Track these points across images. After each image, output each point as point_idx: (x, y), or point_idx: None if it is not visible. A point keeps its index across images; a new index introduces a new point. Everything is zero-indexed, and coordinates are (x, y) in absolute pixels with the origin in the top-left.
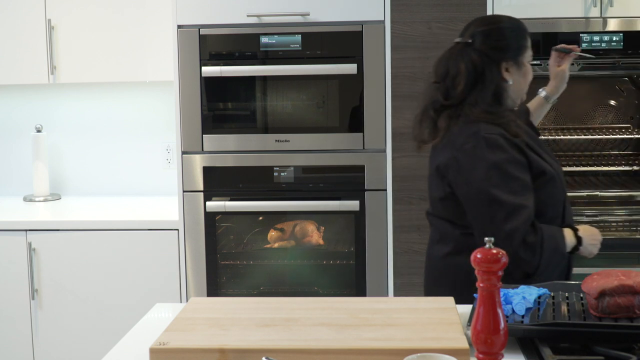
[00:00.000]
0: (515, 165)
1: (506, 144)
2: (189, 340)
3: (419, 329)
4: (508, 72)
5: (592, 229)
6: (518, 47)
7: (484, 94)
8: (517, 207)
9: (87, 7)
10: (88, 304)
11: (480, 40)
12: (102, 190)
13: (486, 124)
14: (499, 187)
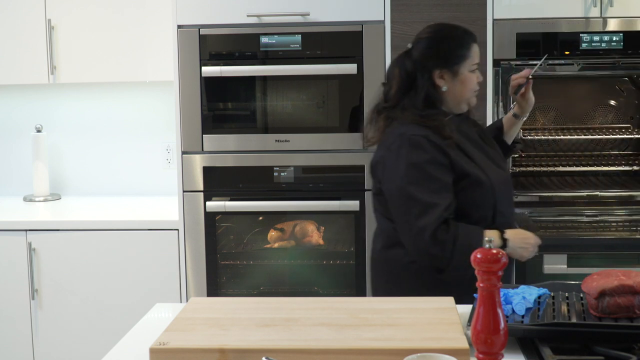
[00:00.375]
0: (435, 166)
1: (429, 145)
2: (189, 340)
3: (419, 329)
4: (443, 79)
5: (526, 233)
6: (454, 56)
7: (415, 98)
8: (430, 205)
9: (87, 7)
10: (88, 304)
11: (417, 48)
12: (102, 190)
13: (416, 126)
14: (416, 185)
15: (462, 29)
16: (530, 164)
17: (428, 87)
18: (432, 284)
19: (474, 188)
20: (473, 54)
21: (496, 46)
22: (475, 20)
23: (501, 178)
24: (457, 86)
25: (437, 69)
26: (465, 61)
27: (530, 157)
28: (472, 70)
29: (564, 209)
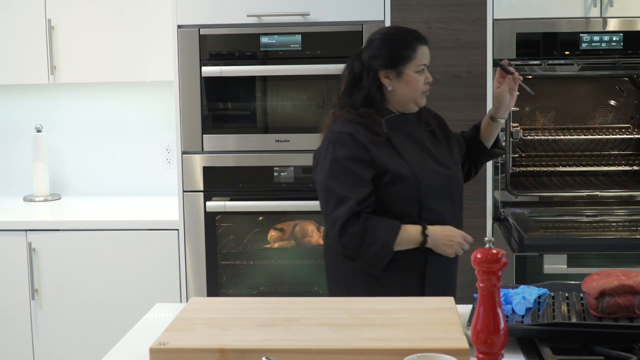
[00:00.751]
0: (354, 162)
1: (351, 142)
2: (189, 340)
3: (419, 329)
4: (388, 79)
5: (453, 231)
6: (398, 57)
7: (356, 97)
8: (344, 198)
9: (87, 7)
10: (88, 304)
11: (366, 49)
12: (102, 190)
13: (349, 123)
14: (335, 179)
15: (411, 31)
16: (530, 164)
17: (371, 86)
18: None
19: (396, 184)
20: (419, 55)
21: (496, 46)
22: (475, 20)
23: (437, 176)
24: (401, 86)
25: (382, 69)
26: (410, 62)
27: (530, 157)
28: (418, 71)
29: (564, 209)
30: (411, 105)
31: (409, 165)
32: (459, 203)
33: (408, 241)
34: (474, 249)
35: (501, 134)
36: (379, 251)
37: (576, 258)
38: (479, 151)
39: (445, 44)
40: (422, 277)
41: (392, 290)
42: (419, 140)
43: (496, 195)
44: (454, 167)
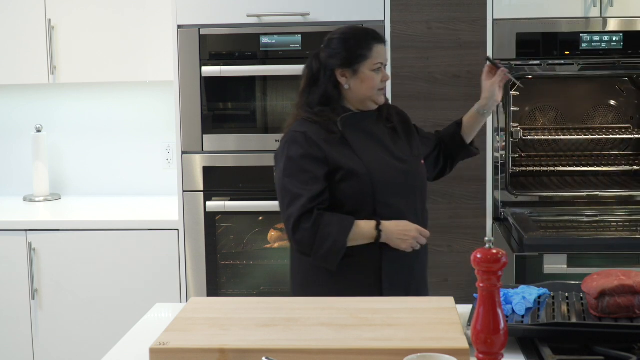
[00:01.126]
0: (308, 160)
1: (304, 140)
2: (189, 340)
3: (419, 329)
4: (344, 77)
5: (407, 225)
6: (354, 55)
7: (313, 96)
8: (297, 195)
9: (87, 7)
10: (88, 304)
11: (323, 48)
12: (102, 190)
13: (305, 122)
14: (289, 177)
15: (369, 31)
16: (530, 164)
17: (328, 85)
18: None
19: (349, 180)
20: (375, 54)
21: (496, 46)
22: (475, 20)
23: (393, 171)
24: (358, 84)
25: (339, 67)
26: (366, 61)
27: (530, 157)
28: (374, 70)
29: (564, 209)
30: (368, 103)
31: (363, 161)
32: (419, 198)
33: (362, 237)
34: (472, 248)
35: (501, 134)
36: (331, 247)
37: (576, 258)
38: (458, 148)
39: (445, 44)
40: (379, 273)
41: (351, 287)
42: (377, 136)
43: (496, 195)
44: (413, 162)
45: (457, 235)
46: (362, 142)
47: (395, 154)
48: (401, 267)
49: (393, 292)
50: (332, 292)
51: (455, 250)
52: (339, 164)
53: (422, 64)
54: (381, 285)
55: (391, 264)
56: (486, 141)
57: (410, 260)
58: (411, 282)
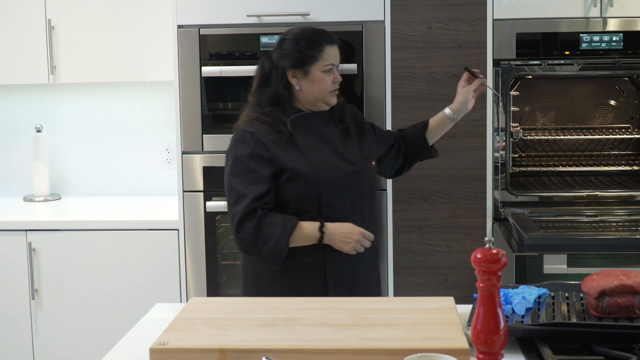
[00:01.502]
0: (254, 160)
1: (252, 140)
2: (189, 340)
3: (419, 329)
4: (296, 78)
5: (350, 227)
6: (304, 56)
7: (264, 96)
8: (242, 194)
9: (87, 7)
10: (88, 304)
11: (275, 49)
12: (102, 190)
13: (254, 122)
14: (236, 176)
15: (321, 32)
16: (530, 164)
17: (279, 85)
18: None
19: (294, 181)
20: (326, 55)
21: (496, 46)
22: (475, 20)
23: (340, 173)
24: (308, 85)
25: (290, 68)
26: (316, 62)
27: (530, 157)
28: (325, 71)
29: (564, 209)
30: (320, 104)
31: (310, 162)
32: (367, 200)
33: (305, 238)
34: (472, 248)
35: (501, 134)
36: (273, 247)
37: (576, 258)
38: (420, 148)
39: (445, 44)
40: (324, 274)
41: (296, 287)
42: (326, 137)
43: (496, 195)
44: (362, 164)
45: (457, 235)
46: (311, 142)
47: (344, 155)
48: (346, 268)
49: (338, 292)
50: (279, 291)
51: (455, 250)
52: (285, 165)
53: (422, 64)
54: (326, 286)
55: (335, 265)
56: (486, 141)
57: (355, 261)
58: (356, 283)
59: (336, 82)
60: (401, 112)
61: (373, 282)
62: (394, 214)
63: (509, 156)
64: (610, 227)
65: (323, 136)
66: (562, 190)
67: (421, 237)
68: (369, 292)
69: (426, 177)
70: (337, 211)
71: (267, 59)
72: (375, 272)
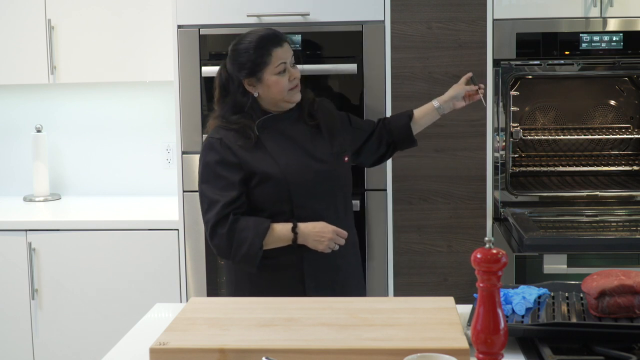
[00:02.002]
0: (223, 166)
1: (220, 147)
2: (189, 340)
3: (419, 329)
4: (252, 86)
5: (324, 227)
6: (254, 64)
7: (226, 106)
8: (213, 201)
9: (87, 7)
10: (88, 304)
11: (228, 59)
12: (102, 190)
13: (221, 129)
14: (206, 183)
15: (265, 36)
16: (530, 164)
17: (237, 94)
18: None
19: (265, 184)
20: (274, 58)
21: (496, 46)
22: (475, 20)
23: (310, 172)
24: (266, 91)
25: (245, 77)
26: (266, 67)
27: (530, 157)
28: (278, 73)
29: (564, 209)
30: (282, 104)
31: (279, 164)
32: (341, 198)
33: (279, 240)
34: (472, 248)
35: (501, 134)
36: (247, 251)
37: (576, 258)
38: (403, 138)
39: (445, 44)
40: (301, 274)
41: (273, 289)
42: (295, 138)
43: (496, 195)
44: (333, 162)
45: (457, 235)
46: (279, 145)
47: (314, 154)
48: (323, 267)
49: (318, 291)
50: (259, 291)
51: (455, 250)
52: (254, 169)
53: (422, 64)
54: (304, 285)
55: (312, 265)
56: (486, 141)
57: (334, 259)
58: (336, 281)
59: (293, 79)
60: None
61: (355, 278)
62: (394, 214)
63: (509, 156)
64: (610, 227)
65: (291, 137)
66: (562, 190)
67: (421, 237)
68: (352, 288)
69: (426, 177)
70: (311, 211)
71: (223, 69)
72: (357, 268)
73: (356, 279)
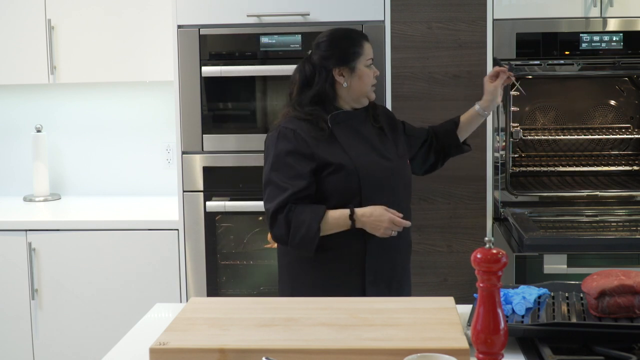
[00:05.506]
0: (295, 156)
1: (293, 137)
2: (189, 340)
3: (419, 329)
4: (342, 76)
5: (381, 214)
6: (347, 53)
7: (304, 96)
8: (281, 189)
9: (87, 7)
10: (88, 304)
11: (315, 52)
12: (102, 190)
13: (295, 120)
14: (275, 171)
15: (353, 30)
16: (530, 164)
17: (324, 85)
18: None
19: (336, 174)
20: (366, 50)
21: (496, 46)
22: (475, 20)
23: (378, 167)
24: (355, 81)
25: (336, 67)
26: (360, 57)
27: (530, 157)
28: (368, 66)
29: (564, 209)
30: (363, 99)
31: (351, 157)
32: (404, 196)
33: (336, 224)
34: (472, 248)
35: (501, 134)
36: (305, 234)
37: (576, 258)
38: (451, 144)
39: (445, 44)
40: (363, 266)
41: (335, 279)
42: (364, 134)
43: (496, 195)
44: (398, 161)
45: (457, 235)
46: (350, 139)
47: (382, 152)
48: (385, 261)
49: (376, 285)
50: (316, 283)
51: (455, 250)
52: (327, 159)
53: (422, 64)
54: (364, 279)
55: (373, 256)
56: (486, 141)
57: (395, 255)
58: (394, 278)
59: (376, 75)
60: (401, 112)
61: (407, 274)
62: None
63: (509, 156)
64: (610, 227)
65: (362, 134)
66: (562, 190)
67: (421, 237)
68: (404, 285)
69: (426, 177)
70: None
71: (307, 63)
72: (409, 264)
73: (408, 275)
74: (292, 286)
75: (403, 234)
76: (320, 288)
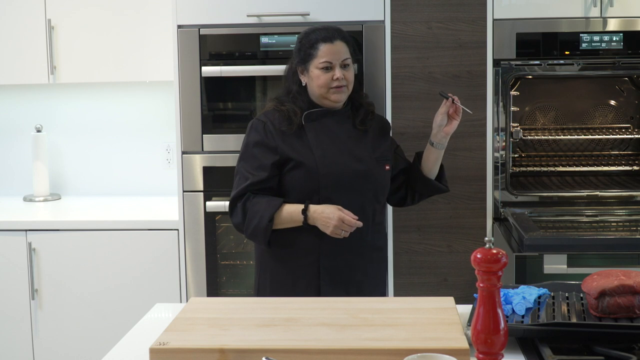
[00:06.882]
0: (260, 147)
1: (263, 129)
2: (189, 340)
3: (419, 329)
4: (302, 75)
5: (332, 213)
6: (304, 55)
7: (281, 89)
8: (243, 178)
9: (87, 7)
10: (88, 304)
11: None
12: (102, 190)
13: (268, 112)
14: (243, 161)
15: (320, 30)
16: (530, 164)
17: (291, 82)
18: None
19: (296, 171)
20: (321, 53)
21: (496, 46)
22: (475, 20)
23: (345, 169)
24: (310, 82)
25: (298, 65)
26: (313, 60)
27: (530, 157)
28: (321, 68)
29: (564, 209)
30: (323, 100)
31: (314, 155)
32: (372, 199)
33: (290, 218)
34: (472, 248)
35: (501, 134)
36: (257, 224)
37: (576, 258)
38: (416, 179)
39: (445, 44)
40: (318, 266)
41: (293, 275)
42: (338, 134)
43: (496, 195)
44: (372, 164)
45: (457, 235)
46: (321, 137)
47: (354, 153)
48: (340, 264)
49: (333, 288)
50: (276, 279)
51: (455, 250)
52: (289, 155)
53: (422, 64)
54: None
55: (328, 258)
56: (486, 141)
57: (352, 258)
58: (350, 282)
59: (335, 79)
60: (401, 112)
61: (374, 283)
62: (394, 214)
63: (509, 156)
64: (610, 227)
65: (334, 133)
66: (562, 190)
67: (421, 237)
68: (365, 290)
69: None
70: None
71: (289, 59)
72: (379, 273)
73: (375, 284)
74: (258, 281)
75: (361, 235)
76: (280, 284)
